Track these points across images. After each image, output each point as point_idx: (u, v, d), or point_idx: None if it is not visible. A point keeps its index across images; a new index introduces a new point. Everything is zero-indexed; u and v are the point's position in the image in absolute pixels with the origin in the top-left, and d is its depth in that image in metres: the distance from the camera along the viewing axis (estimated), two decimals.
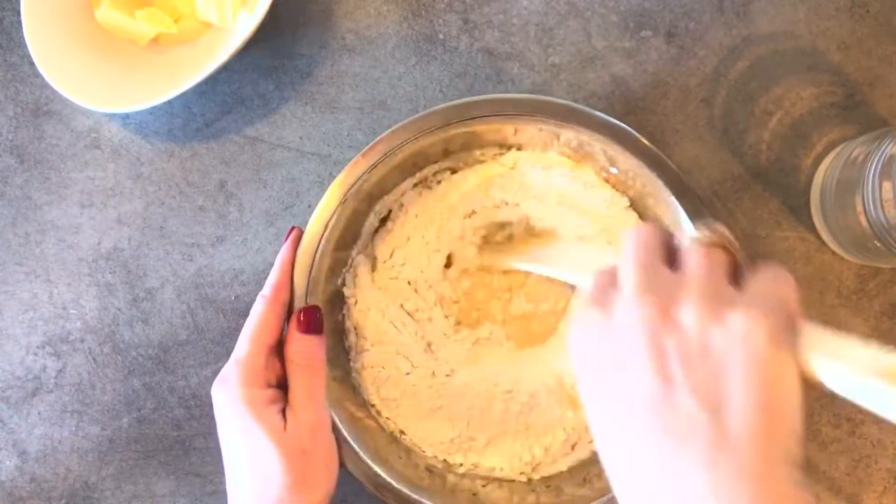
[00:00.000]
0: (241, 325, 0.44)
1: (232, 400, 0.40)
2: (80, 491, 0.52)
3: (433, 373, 0.47)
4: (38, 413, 0.53)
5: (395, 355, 0.47)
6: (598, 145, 0.45)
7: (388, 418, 0.47)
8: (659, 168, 0.45)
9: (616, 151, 0.45)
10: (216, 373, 0.42)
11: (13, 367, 0.53)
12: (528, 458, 0.46)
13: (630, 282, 0.31)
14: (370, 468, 0.44)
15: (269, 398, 0.41)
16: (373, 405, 0.48)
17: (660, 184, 0.45)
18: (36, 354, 0.53)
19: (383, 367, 0.47)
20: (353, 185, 0.46)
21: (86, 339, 0.53)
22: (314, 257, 0.45)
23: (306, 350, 0.42)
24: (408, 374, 0.47)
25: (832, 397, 0.49)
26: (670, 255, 0.32)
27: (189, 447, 0.52)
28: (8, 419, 0.53)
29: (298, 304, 0.45)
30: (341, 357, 0.48)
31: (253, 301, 0.44)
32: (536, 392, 0.47)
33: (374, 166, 0.46)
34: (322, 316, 0.44)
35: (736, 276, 0.31)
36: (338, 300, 0.48)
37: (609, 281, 0.32)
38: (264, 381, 0.41)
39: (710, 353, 0.28)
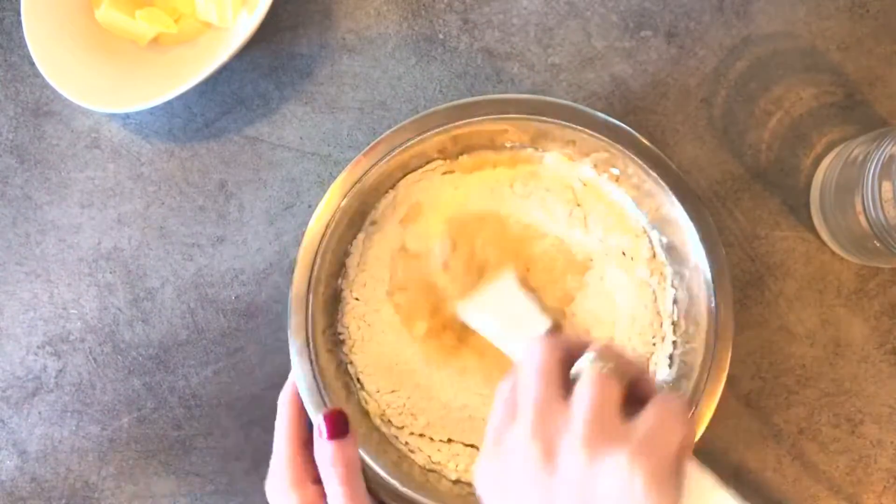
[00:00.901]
0: (242, 325, 0.44)
1: (286, 501, 0.42)
2: (81, 491, 0.52)
3: (405, 342, 0.48)
4: (39, 413, 0.53)
5: (376, 312, 0.48)
6: (601, 146, 0.46)
7: (349, 352, 0.48)
8: (659, 168, 0.45)
9: (617, 151, 0.45)
10: (216, 373, 0.42)
11: (13, 366, 0.53)
12: (460, 458, 0.47)
13: (522, 423, 0.32)
14: (370, 469, 0.45)
15: (316, 495, 0.41)
16: (340, 334, 0.48)
17: (660, 184, 0.45)
18: (36, 354, 0.53)
19: (366, 306, 0.48)
20: (354, 185, 0.46)
21: (86, 338, 0.53)
22: (315, 256, 0.45)
23: (337, 455, 0.41)
24: (384, 331, 0.48)
25: (833, 396, 0.49)
26: (568, 379, 0.33)
27: (189, 447, 0.52)
28: (8, 419, 0.53)
29: (298, 301, 0.45)
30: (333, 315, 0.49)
31: (253, 301, 0.44)
32: (475, 409, 0.48)
33: (375, 165, 0.46)
34: (347, 418, 0.42)
35: (632, 397, 0.32)
36: (338, 302, 0.48)
37: (506, 417, 0.33)
38: (310, 477, 0.42)
39: (594, 499, 0.29)
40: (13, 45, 0.55)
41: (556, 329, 0.39)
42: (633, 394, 0.32)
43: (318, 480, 0.42)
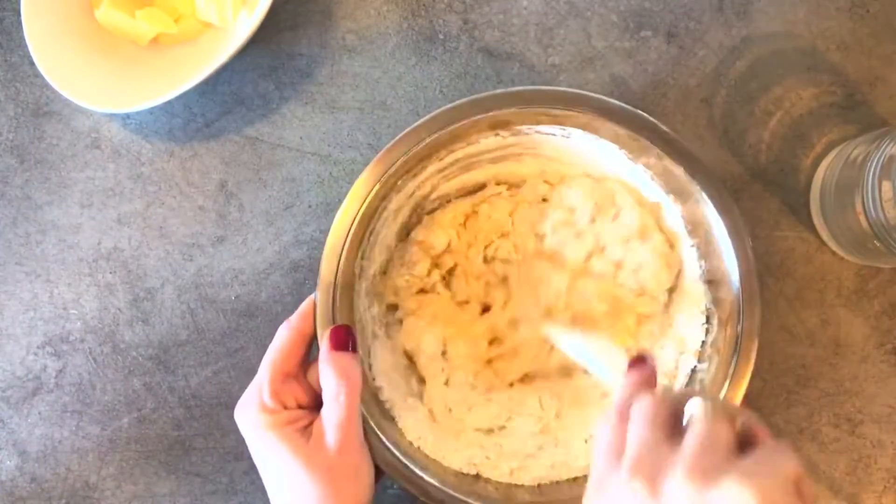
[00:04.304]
0: (242, 325, 0.44)
1: (251, 424, 0.41)
2: (81, 491, 0.52)
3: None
4: (39, 413, 0.53)
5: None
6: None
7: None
8: (688, 161, 0.44)
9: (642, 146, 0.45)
10: (216, 373, 0.42)
11: (13, 366, 0.53)
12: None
13: (626, 461, 0.32)
14: (402, 463, 0.44)
15: (286, 419, 0.41)
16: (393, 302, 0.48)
17: (687, 176, 0.44)
18: (36, 354, 0.53)
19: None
20: (383, 174, 0.44)
21: (86, 339, 0.53)
22: (342, 250, 0.45)
23: (337, 367, 0.42)
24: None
25: (833, 396, 0.49)
26: (677, 427, 0.33)
27: (189, 447, 0.52)
28: (8, 419, 0.53)
29: (325, 287, 0.44)
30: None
31: (253, 301, 0.44)
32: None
33: (400, 159, 0.44)
34: (354, 334, 0.43)
35: (743, 446, 0.32)
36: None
37: (609, 463, 0.33)
38: (280, 404, 0.42)
39: None
40: (13, 45, 0.55)
41: (640, 360, 0.39)
42: (744, 441, 0.32)
43: (288, 409, 0.42)
